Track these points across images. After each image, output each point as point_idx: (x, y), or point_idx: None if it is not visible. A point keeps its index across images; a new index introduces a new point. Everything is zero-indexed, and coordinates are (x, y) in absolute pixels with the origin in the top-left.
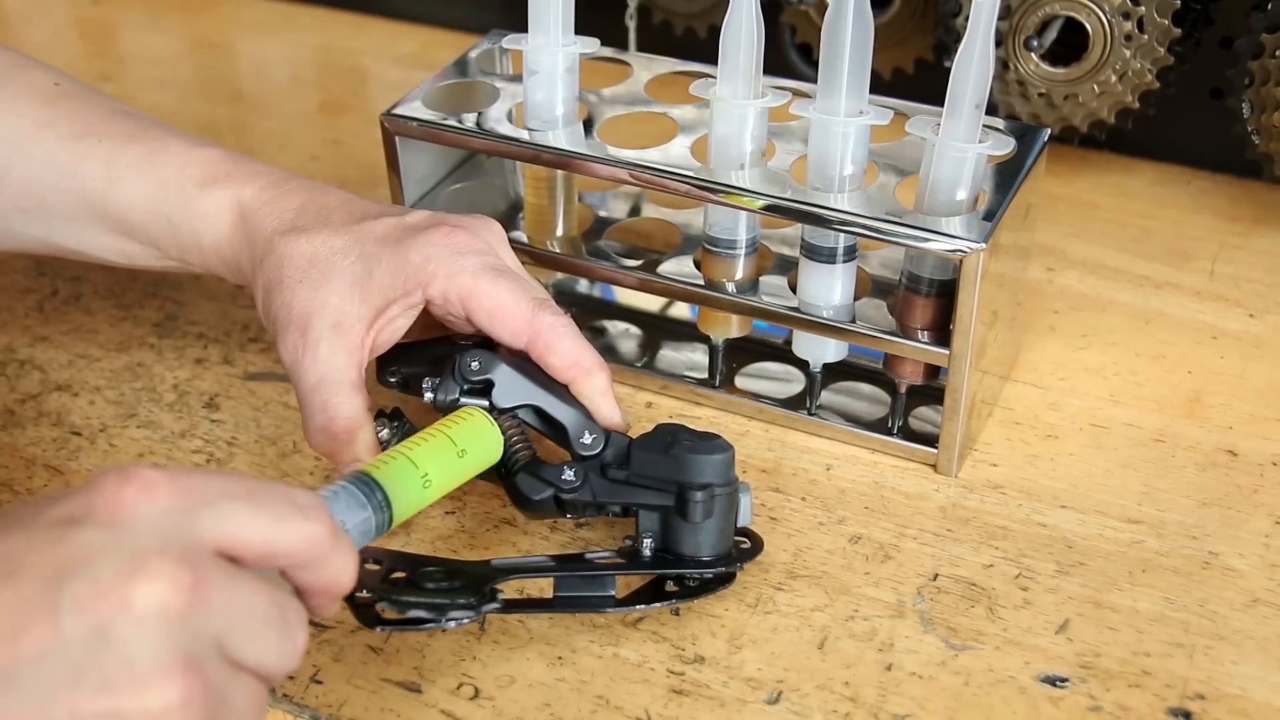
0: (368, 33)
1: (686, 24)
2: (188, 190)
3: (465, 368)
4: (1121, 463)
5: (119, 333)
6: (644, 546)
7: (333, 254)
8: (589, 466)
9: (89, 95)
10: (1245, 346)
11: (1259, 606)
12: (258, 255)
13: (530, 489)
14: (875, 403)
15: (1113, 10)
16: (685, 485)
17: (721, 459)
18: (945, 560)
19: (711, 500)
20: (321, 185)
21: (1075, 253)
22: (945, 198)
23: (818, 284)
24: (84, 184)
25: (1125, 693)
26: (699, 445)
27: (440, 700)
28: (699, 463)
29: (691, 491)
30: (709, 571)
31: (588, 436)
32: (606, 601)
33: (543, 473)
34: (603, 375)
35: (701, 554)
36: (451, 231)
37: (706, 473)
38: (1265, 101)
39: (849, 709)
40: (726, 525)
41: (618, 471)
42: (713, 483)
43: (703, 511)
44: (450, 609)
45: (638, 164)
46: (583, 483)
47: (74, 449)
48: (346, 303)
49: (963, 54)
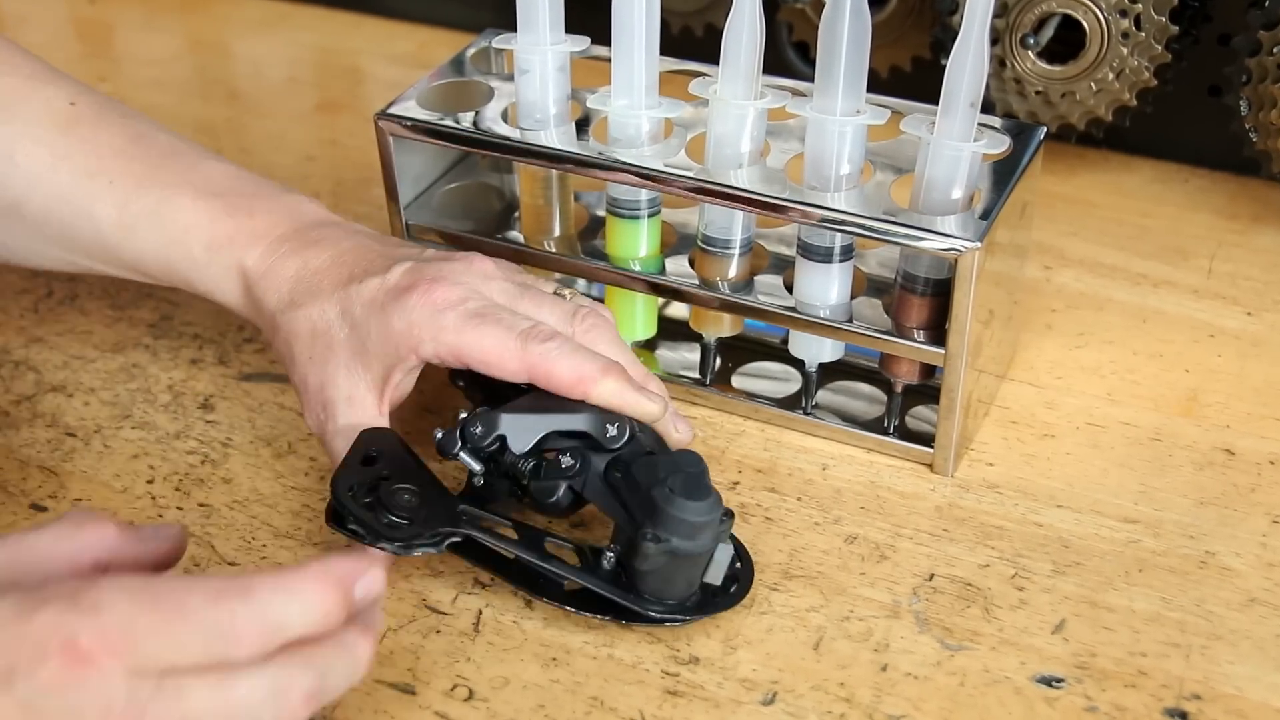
0: (365, 32)
1: (683, 22)
2: (195, 254)
3: (474, 438)
4: (1118, 462)
5: (114, 333)
6: (605, 558)
7: (329, 326)
8: (601, 457)
9: (103, 115)
10: (1243, 345)
11: (1256, 606)
12: (267, 329)
13: (544, 493)
14: (871, 402)
15: (1110, 7)
16: (644, 533)
17: (695, 522)
18: (941, 560)
19: (663, 555)
20: (315, 234)
21: (1072, 251)
22: (941, 196)
23: (814, 283)
24: (100, 227)
25: (1121, 693)
26: (680, 501)
27: (434, 702)
28: (668, 516)
29: (645, 542)
30: (654, 613)
31: (610, 430)
32: (554, 592)
33: (548, 473)
34: (610, 379)
35: (646, 594)
36: (429, 288)
37: (671, 527)
38: (1263, 99)
39: (844, 710)
40: (683, 580)
41: (616, 475)
42: (672, 539)
43: (650, 563)
44: (398, 540)
45: (634, 164)
46: (582, 466)
47: (69, 450)
48: (353, 377)
49: (957, 52)
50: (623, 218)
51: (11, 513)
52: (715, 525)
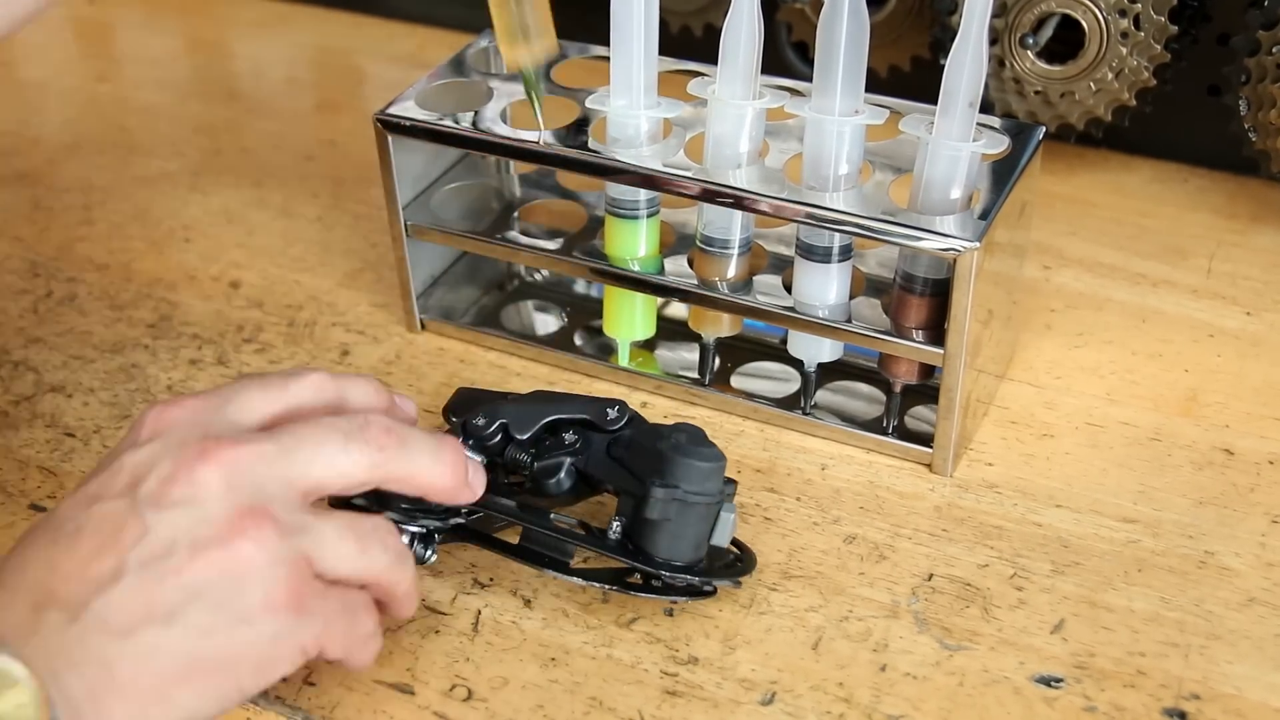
0: (364, 32)
1: (682, 22)
2: None
3: (477, 429)
4: (1117, 462)
5: (113, 334)
6: (611, 529)
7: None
8: (602, 437)
9: None
10: (1242, 345)
11: (1255, 606)
12: None
13: (547, 473)
14: (870, 402)
15: (1109, 7)
16: (653, 480)
17: (702, 467)
18: (940, 560)
19: (672, 503)
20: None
21: (1072, 251)
22: (939, 196)
23: (813, 283)
24: None
25: (1120, 693)
26: (688, 448)
27: (433, 702)
28: (676, 463)
29: (654, 488)
30: (666, 573)
31: (611, 413)
32: (561, 566)
33: (550, 455)
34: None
35: (658, 554)
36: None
37: (679, 475)
38: (1262, 98)
39: (843, 710)
40: (692, 535)
41: (619, 450)
42: (680, 485)
43: (660, 511)
44: (403, 523)
45: (632, 164)
46: (584, 445)
47: (68, 450)
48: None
49: (956, 52)
50: (622, 218)
51: (10, 513)
52: (721, 475)
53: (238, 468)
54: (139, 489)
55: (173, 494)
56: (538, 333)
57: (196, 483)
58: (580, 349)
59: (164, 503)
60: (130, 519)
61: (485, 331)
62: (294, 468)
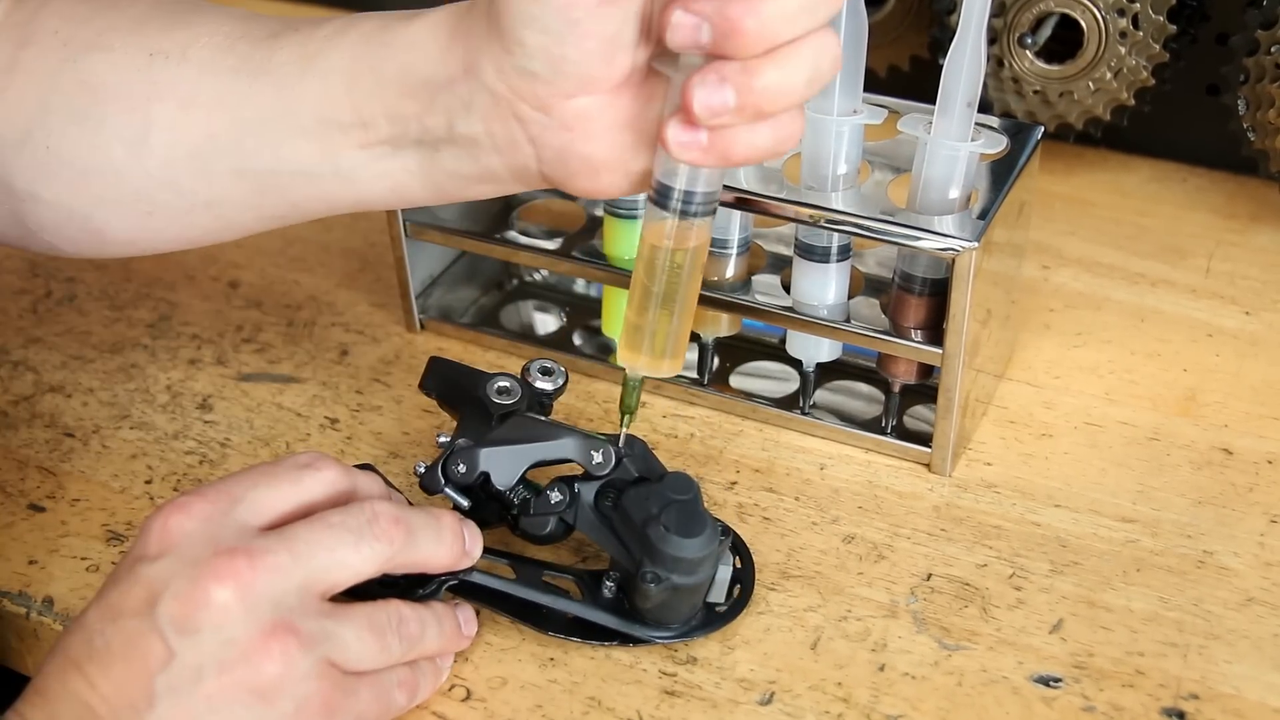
0: None
1: None
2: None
3: (457, 476)
4: (1116, 461)
5: (112, 334)
6: (604, 586)
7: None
8: (589, 486)
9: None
10: (1241, 344)
11: (1253, 605)
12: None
13: (535, 526)
14: (869, 402)
15: (1108, 7)
16: (645, 574)
17: (693, 559)
18: (939, 560)
19: (665, 593)
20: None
21: (1070, 250)
22: (938, 196)
23: (812, 283)
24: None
25: (1119, 693)
26: (677, 540)
27: (432, 702)
28: (666, 556)
29: (645, 583)
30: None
31: (596, 457)
32: (557, 623)
33: (537, 507)
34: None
35: (650, 621)
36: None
37: (669, 565)
38: (1261, 98)
39: (841, 709)
40: (687, 606)
41: (607, 504)
42: (672, 576)
43: (654, 599)
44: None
45: None
46: (571, 501)
47: (67, 450)
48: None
49: (954, 52)
50: (621, 218)
51: (10, 513)
52: (714, 556)
53: (254, 586)
54: (157, 607)
55: (195, 618)
56: (537, 332)
57: (214, 605)
58: (579, 349)
59: (187, 627)
60: (153, 641)
61: (484, 331)
62: (310, 575)
